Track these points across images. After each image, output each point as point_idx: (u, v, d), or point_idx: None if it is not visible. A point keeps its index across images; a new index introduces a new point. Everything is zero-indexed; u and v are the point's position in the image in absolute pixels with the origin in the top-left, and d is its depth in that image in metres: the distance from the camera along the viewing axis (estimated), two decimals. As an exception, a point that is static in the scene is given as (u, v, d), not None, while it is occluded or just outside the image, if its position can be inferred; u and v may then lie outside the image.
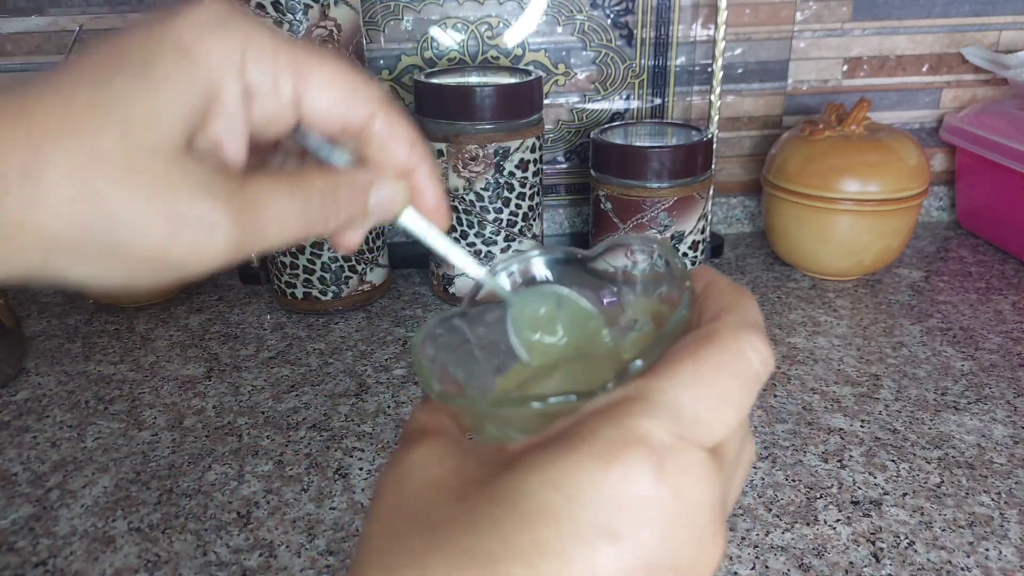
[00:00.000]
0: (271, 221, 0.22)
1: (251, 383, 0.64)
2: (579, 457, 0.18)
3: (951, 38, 0.88)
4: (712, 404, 0.19)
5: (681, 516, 0.18)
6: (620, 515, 0.17)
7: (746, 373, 0.19)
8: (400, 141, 0.25)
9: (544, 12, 0.82)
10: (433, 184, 0.26)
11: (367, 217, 0.25)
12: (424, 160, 0.26)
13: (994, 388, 0.61)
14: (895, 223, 0.75)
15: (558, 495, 0.17)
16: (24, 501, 0.51)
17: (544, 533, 0.17)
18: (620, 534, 0.17)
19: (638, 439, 0.18)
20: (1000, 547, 0.45)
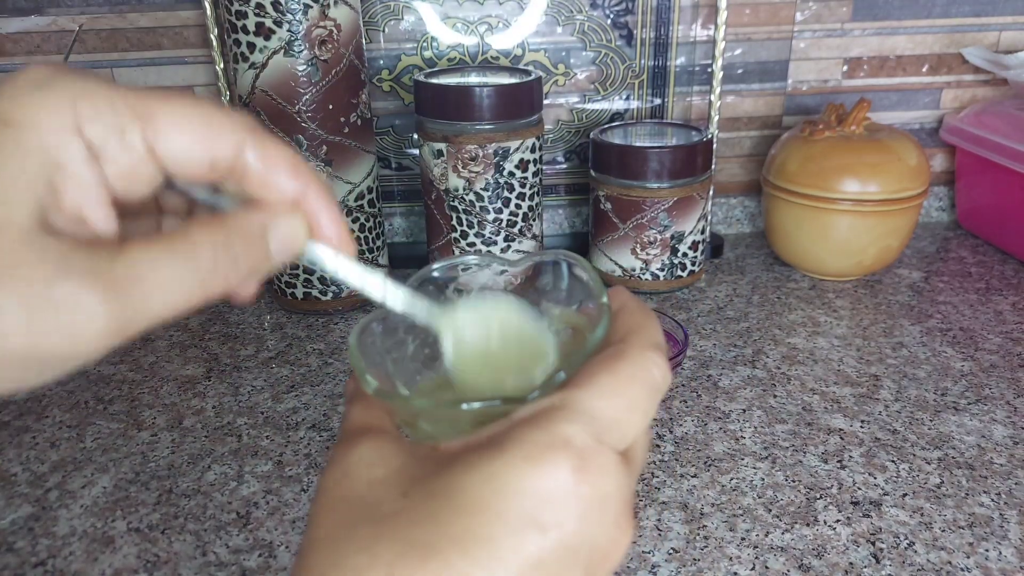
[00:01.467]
0: (154, 292, 0.20)
1: (251, 383, 0.64)
2: (509, 457, 0.20)
3: (951, 38, 0.88)
4: (624, 411, 0.22)
5: (597, 508, 0.20)
6: (545, 508, 0.20)
7: (651, 385, 0.22)
8: (279, 168, 0.23)
9: (544, 12, 0.82)
10: (328, 207, 0.24)
11: (269, 263, 0.23)
12: (311, 183, 0.23)
13: (994, 388, 0.61)
14: (895, 223, 0.75)
15: (489, 490, 0.20)
16: (24, 501, 0.51)
17: (477, 523, 0.19)
18: (544, 524, 0.19)
19: (562, 442, 0.20)
20: (1000, 547, 0.45)
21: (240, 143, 0.22)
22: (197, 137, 0.21)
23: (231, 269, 0.22)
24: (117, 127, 0.20)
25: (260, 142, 0.22)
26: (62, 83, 0.20)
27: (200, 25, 0.80)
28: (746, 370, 0.64)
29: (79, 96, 0.20)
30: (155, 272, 0.20)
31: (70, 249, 0.19)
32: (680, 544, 0.46)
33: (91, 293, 0.18)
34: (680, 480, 0.51)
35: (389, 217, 0.90)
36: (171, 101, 0.21)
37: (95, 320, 0.19)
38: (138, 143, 0.20)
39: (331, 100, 0.67)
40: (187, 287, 0.21)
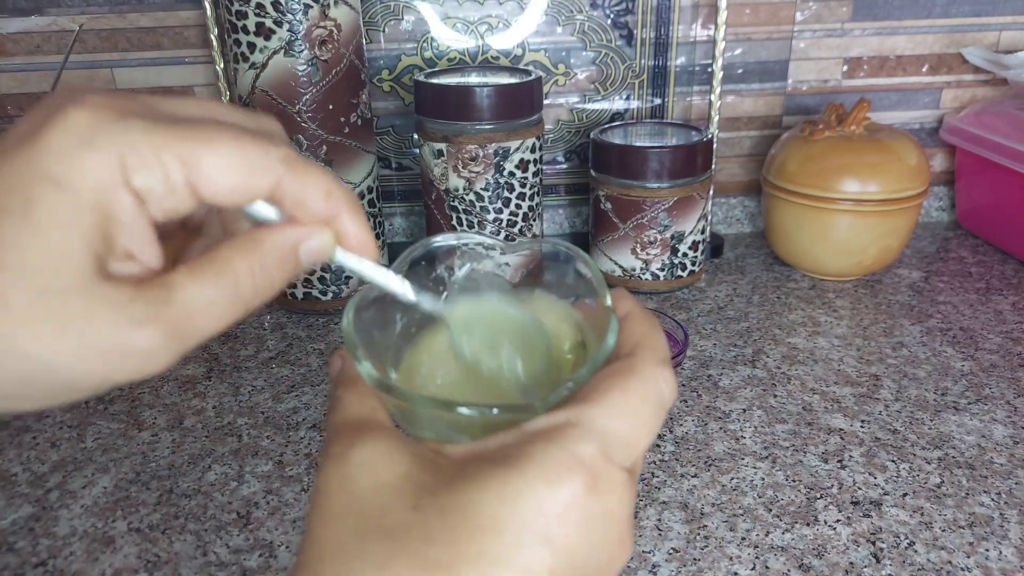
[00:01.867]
0: (204, 319, 0.21)
1: (251, 383, 0.64)
2: (527, 479, 0.20)
3: (951, 38, 0.88)
4: (635, 430, 0.22)
5: (605, 526, 0.21)
6: (559, 526, 0.20)
7: (660, 403, 0.23)
8: (314, 196, 0.23)
9: (544, 12, 0.82)
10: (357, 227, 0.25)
11: (300, 271, 0.24)
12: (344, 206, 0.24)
13: (994, 388, 0.61)
14: (895, 223, 0.75)
15: (506, 510, 0.20)
16: (24, 501, 0.51)
17: (493, 543, 0.20)
18: (557, 542, 0.20)
19: (578, 462, 0.21)
20: (1000, 547, 0.45)
21: (278, 179, 0.23)
22: (238, 178, 0.22)
23: (267, 286, 0.23)
24: (164, 177, 0.21)
25: (296, 175, 0.23)
26: (108, 137, 0.20)
27: (200, 25, 0.80)
28: (746, 370, 0.64)
29: (126, 151, 0.20)
30: (203, 302, 0.21)
31: (133, 295, 0.20)
32: (680, 544, 0.46)
33: (157, 337, 0.20)
34: (680, 480, 0.51)
35: (389, 217, 0.90)
36: (214, 144, 0.21)
37: (160, 358, 0.21)
38: (182, 188, 0.21)
39: (331, 100, 0.67)
40: (232, 309, 0.22)
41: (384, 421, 0.24)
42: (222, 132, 0.22)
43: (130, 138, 0.20)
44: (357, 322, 0.25)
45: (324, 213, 0.24)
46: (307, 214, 0.24)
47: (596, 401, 0.22)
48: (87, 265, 0.20)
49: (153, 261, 0.22)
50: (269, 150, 0.22)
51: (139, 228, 0.21)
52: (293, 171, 0.23)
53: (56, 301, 0.19)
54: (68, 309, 0.19)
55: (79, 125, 0.20)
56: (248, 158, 0.22)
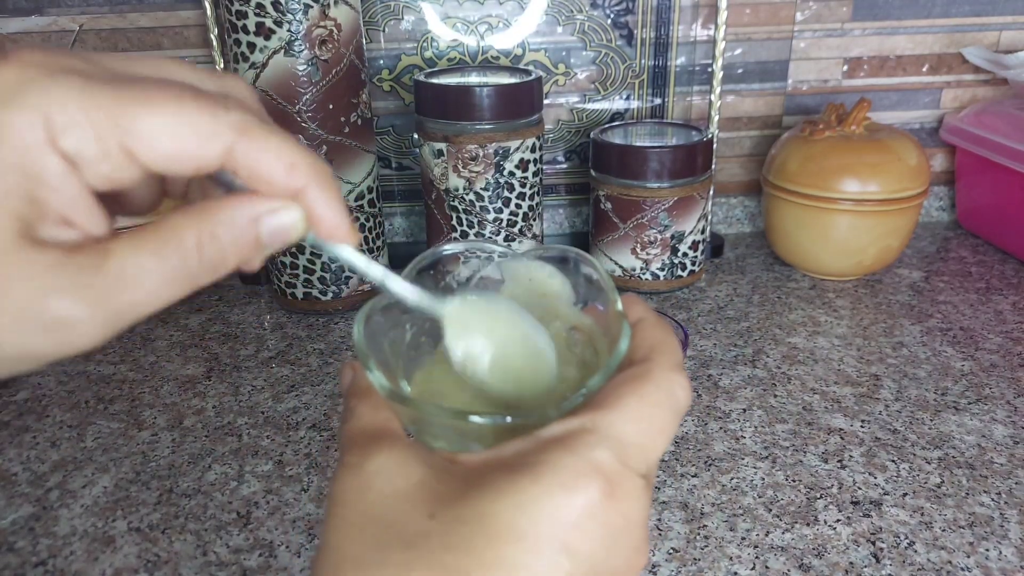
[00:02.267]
0: (140, 292, 0.20)
1: (251, 383, 0.64)
2: (544, 486, 0.20)
3: (951, 38, 0.88)
4: (651, 436, 0.22)
5: (623, 533, 0.21)
6: (575, 534, 0.20)
7: (675, 408, 0.22)
8: (272, 167, 0.21)
9: (544, 12, 0.82)
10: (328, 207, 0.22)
11: (261, 250, 0.22)
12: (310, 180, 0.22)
13: (994, 388, 0.61)
14: (895, 223, 0.75)
15: (524, 517, 0.20)
16: (24, 501, 0.51)
17: (511, 551, 0.19)
18: (576, 549, 0.20)
19: (595, 469, 0.20)
20: (1000, 547, 0.45)
21: (228, 146, 0.20)
22: (180, 144, 0.20)
23: (219, 260, 0.21)
24: (94, 137, 0.19)
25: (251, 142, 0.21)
26: (33, 94, 0.18)
27: (200, 25, 0.80)
28: (746, 370, 0.64)
29: (52, 108, 0.19)
30: (141, 272, 0.20)
31: (56, 263, 0.19)
32: (680, 544, 0.46)
33: (82, 306, 0.19)
34: (680, 480, 0.51)
35: (389, 217, 0.90)
36: (152, 105, 0.19)
37: (83, 331, 0.19)
38: (116, 151, 0.19)
39: (331, 100, 0.67)
40: (174, 281, 0.20)
41: (398, 431, 0.23)
42: (165, 92, 0.20)
43: (58, 96, 0.19)
44: (367, 333, 0.24)
45: (286, 187, 0.22)
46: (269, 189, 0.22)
47: (612, 407, 0.22)
48: (7, 228, 0.18)
49: (95, 228, 0.20)
50: (218, 114, 0.20)
51: (72, 192, 0.19)
52: (247, 138, 0.21)
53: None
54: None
55: (3, 82, 0.18)
56: (191, 122, 0.20)
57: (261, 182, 0.21)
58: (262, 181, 0.21)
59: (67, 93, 0.19)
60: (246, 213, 0.21)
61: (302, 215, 0.22)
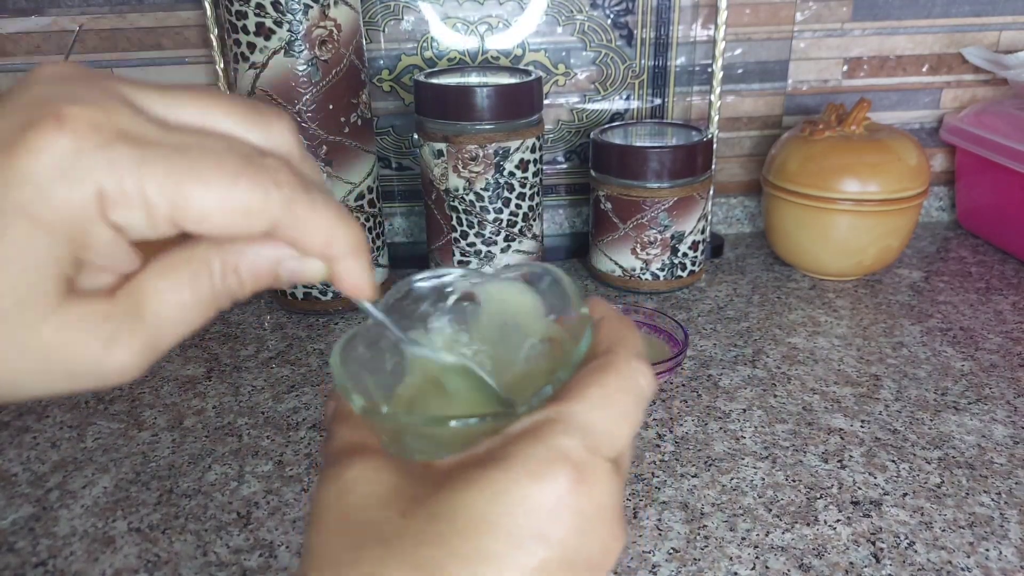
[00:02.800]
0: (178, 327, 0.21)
1: (251, 383, 0.64)
2: (513, 475, 0.20)
3: (951, 38, 0.88)
4: (615, 422, 0.22)
5: (595, 518, 0.21)
6: (549, 521, 0.20)
7: (638, 395, 0.23)
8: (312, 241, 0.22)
9: (544, 12, 0.82)
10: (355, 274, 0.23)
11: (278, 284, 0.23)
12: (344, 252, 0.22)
13: (994, 388, 0.61)
14: (895, 223, 0.75)
15: (495, 508, 0.20)
16: (24, 501, 0.51)
17: (484, 540, 0.20)
18: (548, 537, 0.20)
19: (561, 456, 0.21)
20: (1000, 547, 0.45)
21: (274, 223, 0.21)
22: (229, 221, 0.20)
23: (236, 290, 0.22)
24: (145, 213, 0.19)
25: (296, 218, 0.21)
26: (88, 170, 0.18)
27: (200, 25, 0.80)
28: (746, 370, 0.64)
29: (106, 184, 0.19)
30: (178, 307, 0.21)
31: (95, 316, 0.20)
32: (680, 544, 0.46)
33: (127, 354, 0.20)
34: (680, 480, 0.51)
35: (389, 217, 0.90)
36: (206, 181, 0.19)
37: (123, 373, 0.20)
38: (165, 225, 0.20)
39: (331, 100, 0.67)
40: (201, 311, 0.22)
41: (375, 445, 0.24)
42: (218, 167, 0.20)
43: (113, 171, 0.19)
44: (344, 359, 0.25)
45: (320, 257, 0.22)
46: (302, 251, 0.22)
47: (576, 397, 0.22)
48: (56, 290, 0.19)
49: (129, 268, 0.21)
50: (270, 192, 0.20)
51: (114, 250, 0.20)
52: (293, 214, 0.21)
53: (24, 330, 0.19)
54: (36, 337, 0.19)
55: (58, 153, 0.18)
56: (243, 201, 0.20)
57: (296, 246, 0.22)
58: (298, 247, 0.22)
59: (122, 168, 0.19)
60: (270, 255, 0.22)
61: (324, 270, 0.23)
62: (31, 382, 0.20)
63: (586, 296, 0.26)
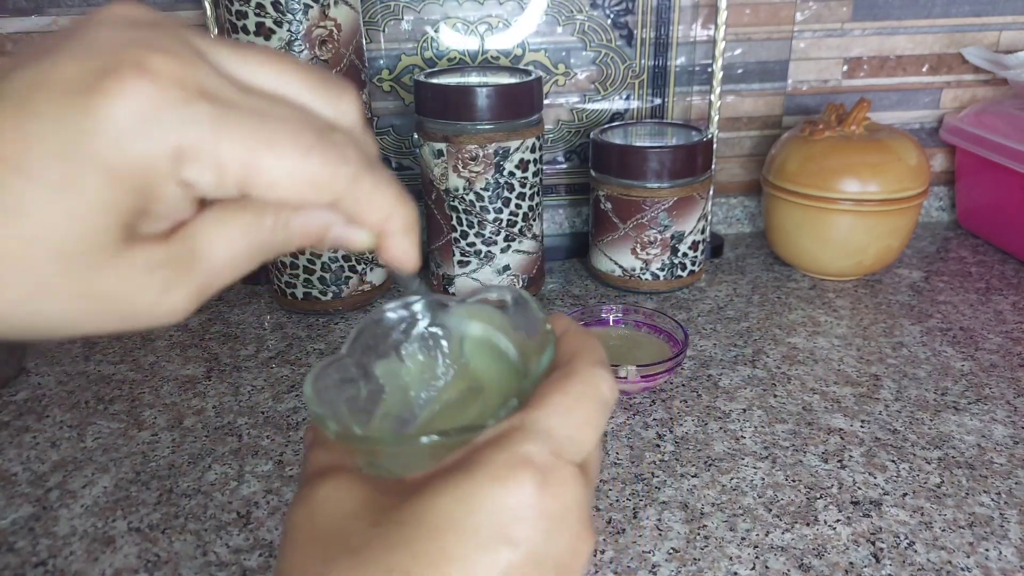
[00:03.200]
0: (226, 272, 0.21)
1: (251, 383, 0.64)
2: (478, 479, 0.21)
3: (951, 38, 0.88)
4: (578, 426, 0.23)
5: (561, 520, 0.21)
6: (514, 523, 0.20)
7: (600, 400, 0.23)
8: (370, 215, 0.22)
9: (544, 12, 0.82)
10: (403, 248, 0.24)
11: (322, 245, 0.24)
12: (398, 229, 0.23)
13: (994, 388, 0.61)
14: (895, 223, 0.75)
15: (460, 511, 0.20)
16: (24, 501, 0.51)
17: (450, 543, 0.20)
18: (515, 539, 0.20)
19: (524, 460, 0.21)
20: (1000, 547, 0.45)
21: (339, 197, 0.21)
22: (297, 191, 0.20)
23: (283, 244, 0.23)
24: (216, 174, 0.19)
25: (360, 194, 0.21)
26: (168, 126, 0.18)
27: (200, 25, 0.80)
28: (746, 370, 0.64)
29: (184, 142, 0.18)
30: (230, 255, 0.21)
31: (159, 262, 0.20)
32: (680, 544, 0.46)
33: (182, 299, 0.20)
34: (680, 480, 0.51)
35: (389, 217, 0.90)
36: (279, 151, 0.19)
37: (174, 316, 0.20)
38: (233, 189, 0.20)
39: (331, 100, 0.67)
40: (251, 260, 0.22)
41: (348, 465, 0.24)
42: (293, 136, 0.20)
43: (192, 130, 0.18)
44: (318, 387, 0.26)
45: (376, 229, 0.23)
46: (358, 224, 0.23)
47: (538, 405, 0.23)
48: (116, 236, 0.19)
49: (184, 217, 0.21)
50: (337, 168, 0.20)
51: (178, 204, 0.20)
52: (357, 190, 0.21)
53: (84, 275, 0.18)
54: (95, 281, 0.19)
55: (139, 101, 0.18)
56: (313, 173, 0.20)
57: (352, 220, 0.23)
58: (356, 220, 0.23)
59: (201, 128, 0.19)
60: (323, 219, 0.23)
61: (371, 239, 0.24)
62: (86, 322, 0.19)
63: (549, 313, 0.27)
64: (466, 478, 0.21)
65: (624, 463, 0.53)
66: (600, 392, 0.24)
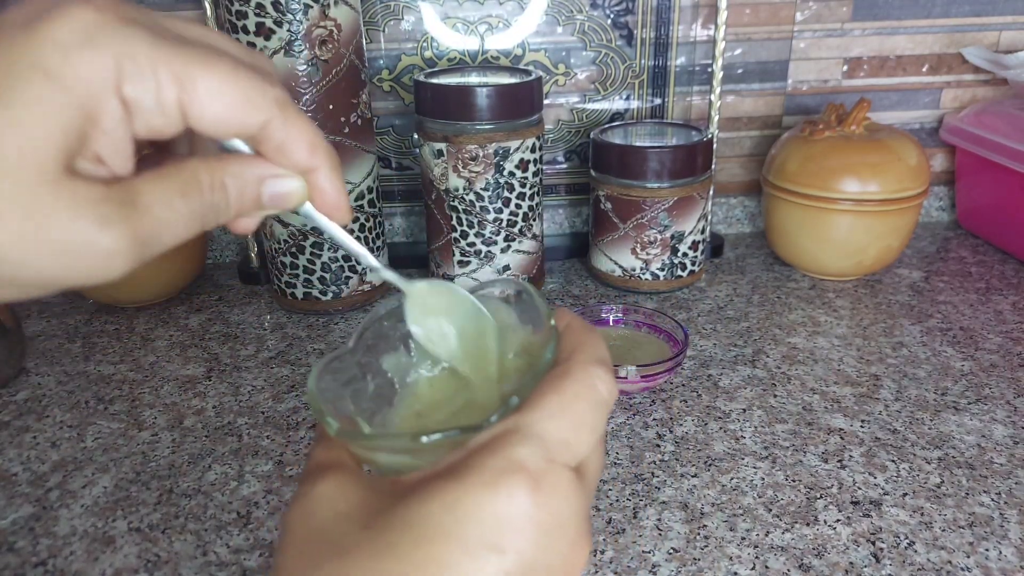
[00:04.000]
0: (167, 229, 0.22)
1: (251, 383, 0.64)
2: (468, 485, 0.20)
3: (951, 38, 0.88)
4: (573, 429, 0.22)
5: (554, 527, 0.21)
6: (503, 531, 0.20)
7: (596, 400, 0.23)
8: (298, 145, 0.24)
9: (544, 12, 0.82)
10: (333, 185, 0.25)
11: (261, 208, 0.24)
12: (324, 162, 0.25)
13: (994, 388, 0.61)
14: (895, 223, 0.75)
15: (449, 517, 0.20)
16: (24, 501, 0.51)
17: (438, 550, 0.20)
18: (504, 547, 0.20)
19: (517, 466, 0.21)
20: (1000, 547, 0.45)
21: (268, 119, 0.23)
22: (229, 108, 0.22)
23: (223, 208, 0.23)
24: (156, 91, 0.21)
25: (286, 120, 0.23)
26: (109, 39, 0.20)
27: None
28: (746, 370, 0.64)
29: (123, 55, 0.20)
30: (169, 211, 0.21)
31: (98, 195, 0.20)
32: (680, 544, 0.46)
33: (118, 237, 0.20)
34: (680, 480, 0.51)
35: (389, 217, 0.90)
36: (212, 69, 0.21)
37: (119, 262, 0.20)
38: (173, 108, 0.21)
39: (331, 100, 0.67)
40: (191, 221, 0.22)
41: (347, 463, 0.24)
42: (222, 59, 0.21)
43: (131, 44, 0.20)
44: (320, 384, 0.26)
45: (304, 165, 0.24)
46: (286, 162, 0.24)
47: (533, 407, 0.22)
48: (58, 161, 0.19)
49: (123, 170, 0.21)
50: (266, 88, 0.22)
51: (119, 138, 0.21)
52: (284, 115, 0.23)
53: (23, 194, 0.19)
54: (34, 203, 0.19)
55: (82, 21, 0.19)
56: (244, 91, 0.22)
57: (282, 155, 0.24)
58: (284, 155, 0.24)
59: (138, 43, 0.20)
60: (255, 172, 0.24)
61: (303, 187, 0.24)
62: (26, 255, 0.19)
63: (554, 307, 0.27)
64: (457, 484, 0.20)
65: (624, 463, 0.53)
66: (597, 392, 0.23)
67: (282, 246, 0.72)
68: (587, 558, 0.22)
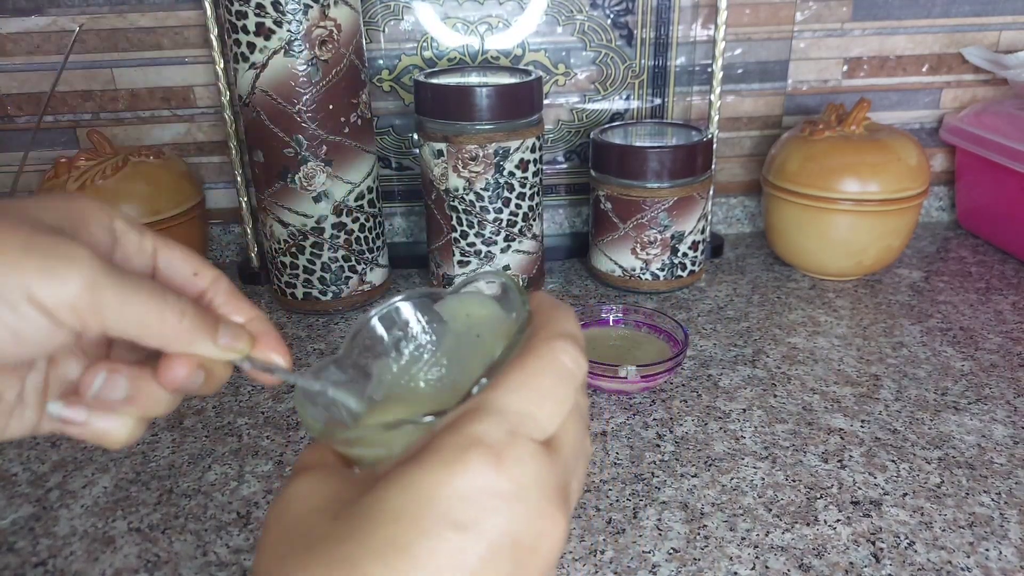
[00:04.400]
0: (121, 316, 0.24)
1: (251, 383, 0.64)
2: (426, 465, 0.20)
3: (951, 38, 0.88)
4: (535, 401, 0.22)
5: (519, 500, 0.20)
6: (465, 508, 0.20)
7: (561, 372, 0.23)
8: (239, 313, 0.28)
9: (544, 12, 0.82)
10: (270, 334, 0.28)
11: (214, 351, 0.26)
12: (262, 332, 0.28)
13: (994, 388, 0.61)
14: (895, 223, 0.75)
15: (407, 499, 0.20)
16: (24, 501, 0.51)
17: (395, 532, 0.20)
18: (465, 524, 0.20)
19: (475, 441, 0.21)
20: (1000, 547, 0.45)
21: (213, 282, 0.28)
22: (187, 266, 0.28)
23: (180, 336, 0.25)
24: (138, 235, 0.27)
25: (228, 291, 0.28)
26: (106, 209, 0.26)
27: (200, 25, 0.80)
28: (746, 370, 0.64)
29: (116, 217, 0.26)
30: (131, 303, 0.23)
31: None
32: (680, 544, 0.46)
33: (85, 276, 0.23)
34: (680, 480, 0.51)
35: (389, 217, 0.90)
36: (173, 246, 0.28)
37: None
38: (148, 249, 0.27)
39: (331, 100, 0.67)
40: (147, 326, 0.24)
41: (329, 461, 0.25)
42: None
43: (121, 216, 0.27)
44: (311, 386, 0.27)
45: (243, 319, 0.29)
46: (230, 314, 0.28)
47: (496, 384, 0.22)
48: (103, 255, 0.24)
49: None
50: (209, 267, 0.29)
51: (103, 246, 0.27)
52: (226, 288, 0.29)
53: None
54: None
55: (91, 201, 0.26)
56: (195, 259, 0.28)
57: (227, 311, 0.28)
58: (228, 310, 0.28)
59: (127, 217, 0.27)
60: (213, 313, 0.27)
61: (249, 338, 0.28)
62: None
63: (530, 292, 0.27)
64: (416, 466, 0.20)
65: (624, 463, 0.53)
66: (561, 364, 0.23)
67: (282, 246, 0.72)
68: (564, 533, 0.21)
